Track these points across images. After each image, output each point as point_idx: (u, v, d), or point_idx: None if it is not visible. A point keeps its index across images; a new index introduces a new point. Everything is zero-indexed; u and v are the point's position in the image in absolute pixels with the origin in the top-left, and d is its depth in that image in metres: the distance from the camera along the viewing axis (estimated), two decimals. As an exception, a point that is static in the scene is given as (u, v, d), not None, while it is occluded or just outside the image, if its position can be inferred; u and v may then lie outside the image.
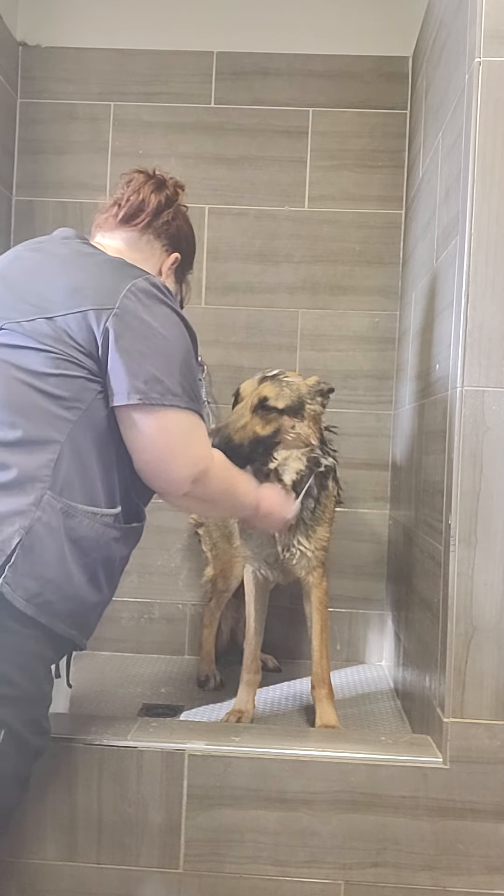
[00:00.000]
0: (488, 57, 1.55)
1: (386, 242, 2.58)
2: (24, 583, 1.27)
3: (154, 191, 1.63)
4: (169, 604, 2.61)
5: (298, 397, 1.85)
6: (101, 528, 1.38)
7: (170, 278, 1.66)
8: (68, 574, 1.33)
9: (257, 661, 2.05)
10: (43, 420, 1.32)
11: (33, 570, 1.28)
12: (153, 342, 1.38)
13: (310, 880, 1.56)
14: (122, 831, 1.56)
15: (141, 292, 1.39)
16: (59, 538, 1.31)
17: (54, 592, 1.31)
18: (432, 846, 1.55)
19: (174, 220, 1.65)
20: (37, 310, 1.37)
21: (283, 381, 1.86)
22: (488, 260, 1.56)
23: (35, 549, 1.28)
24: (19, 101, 2.61)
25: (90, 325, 1.35)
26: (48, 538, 1.30)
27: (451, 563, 1.57)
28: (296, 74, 2.58)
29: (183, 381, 1.40)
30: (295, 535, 1.92)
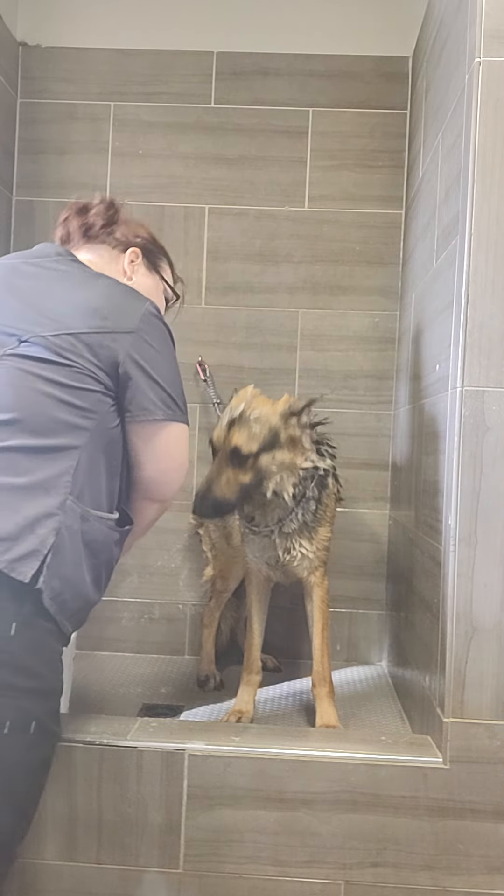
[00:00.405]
0: (488, 57, 1.55)
1: (386, 242, 2.58)
2: (52, 582, 1.35)
3: (76, 214, 1.74)
4: (169, 604, 2.61)
5: (270, 430, 1.80)
6: (108, 531, 1.49)
7: (138, 271, 1.75)
8: (82, 575, 1.43)
9: (258, 661, 2.05)
10: (64, 428, 1.42)
11: (59, 570, 1.36)
12: (163, 363, 1.52)
13: (310, 880, 1.56)
14: (122, 831, 1.56)
15: (150, 316, 1.53)
16: (78, 541, 1.41)
17: (70, 591, 1.39)
18: (432, 846, 1.55)
19: (111, 226, 1.73)
20: (59, 325, 1.46)
21: (250, 420, 1.80)
22: (488, 260, 1.56)
23: (61, 550, 1.37)
24: (19, 101, 2.61)
25: (110, 345, 1.46)
26: (69, 540, 1.39)
27: (451, 563, 1.57)
28: (296, 74, 2.58)
29: (181, 395, 1.57)
30: (297, 538, 1.92)
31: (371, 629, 2.59)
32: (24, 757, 1.34)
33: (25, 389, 1.41)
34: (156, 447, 1.54)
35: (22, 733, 1.31)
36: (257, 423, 1.79)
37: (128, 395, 1.48)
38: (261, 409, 1.81)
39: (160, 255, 1.81)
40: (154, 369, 1.49)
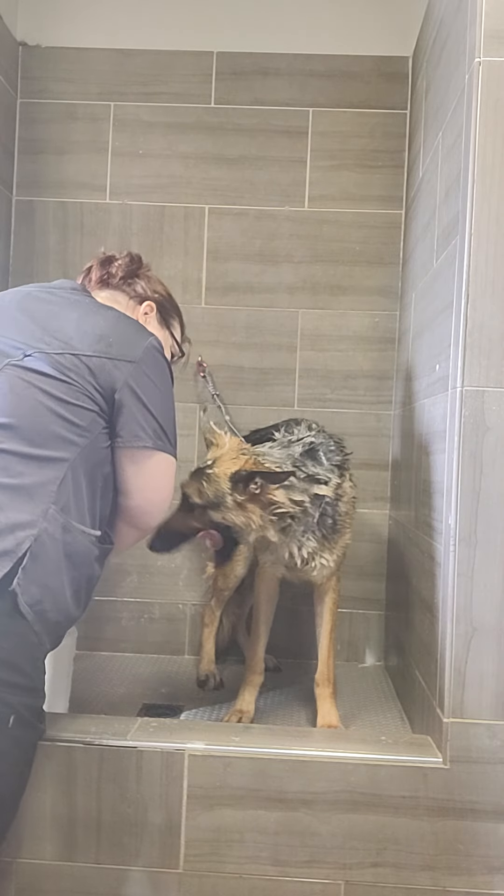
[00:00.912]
0: (488, 57, 1.55)
1: (386, 242, 2.58)
2: (30, 588, 1.37)
3: (99, 265, 1.82)
4: (169, 604, 2.61)
5: (216, 493, 1.79)
6: (89, 546, 1.50)
7: (150, 324, 1.81)
8: (62, 586, 1.44)
9: (262, 662, 2.04)
10: (57, 441, 1.46)
11: (37, 577, 1.38)
12: (158, 397, 1.57)
13: (310, 880, 1.56)
14: (122, 831, 1.56)
15: (153, 350, 1.58)
16: (59, 550, 1.42)
17: (50, 601, 1.40)
18: (432, 846, 1.55)
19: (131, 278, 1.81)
20: (64, 346, 1.51)
21: (203, 476, 1.82)
22: (488, 260, 1.56)
23: (40, 557, 1.38)
24: (19, 101, 2.61)
25: (111, 371, 1.51)
26: (51, 549, 1.41)
27: (451, 563, 1.57)
28: (296, 74, 2.58)
29: (173, 431, 1.61)
30: (318, 553, 1.90)
31: (371, 629, 2.59)
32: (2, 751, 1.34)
33: (25, 398, 1.45)
34: (143, 475, 1.58)
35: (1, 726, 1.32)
36: (207, 480, 1.81)
37: (121, 421, 1.52)
38: (219, 468, 1.81)
39: (173, 313, 1.89)
40: (149, 400, 1.54)
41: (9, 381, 1.46)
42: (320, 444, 1.93)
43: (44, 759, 1.53)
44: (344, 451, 2.01)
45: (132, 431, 1.53)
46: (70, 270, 2.60)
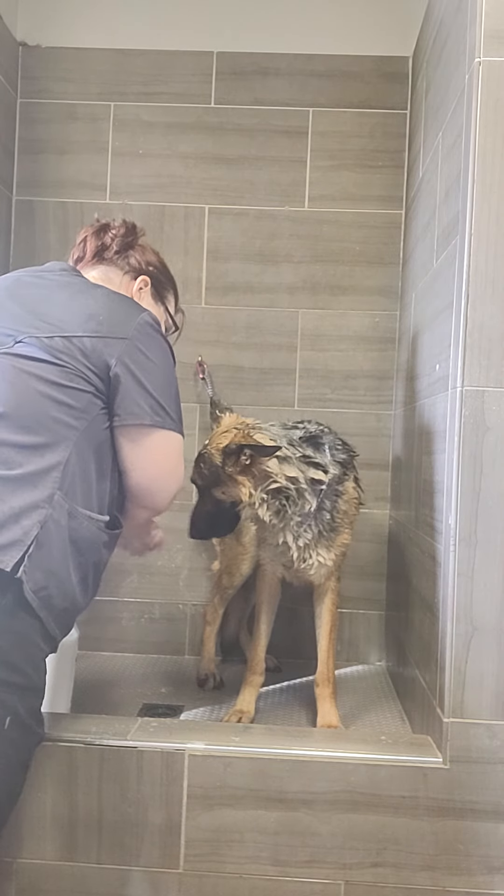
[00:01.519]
0: (488, 57, 1.55)
1: (386, 242, 2.58)
2: (35, 574, 1.35)
3: (95, 234, 1.79)
4: (169, 604, 2.61)
5: (211, 469, 1.82)
6: (96, 531, 1.49)
7: (144, 299, 1.78)
8: (68, 572, 1.42)
9: (262, 662, 2.04)
10: (55, 426, 1.44)
11: (42, 563, 1.36)
12: (155, 372, 1.54)
13: (310, 880, 1.56)
14: (122, 831, 1.56)
15: (146, 326, 1.55)
16: (64, 536, 1.41)
17: (56, 587, 1.39)
18: (432, 846, 1.55)
19: (125, 252, 1.79)
20: (55, 328, 1.49)
21: (199, 457, 1.86)
22: (488, 260, 1.56)
23: (45, 544, 1.37)
24: (19, 101, 2.61)
25: (103, 350, 1.49)
26: (56, 535, 1.39)
27: (451, 563, 1.57)
28: (296, 74, 2.58)
29: (175, 406, 1.57)
30: (313, 548, 1.91)
31: (371, 629, 2.59)
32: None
33: (19, 385, 1.44)
34: (142, 453, 1.55)
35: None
36: (201, 461, 1.85)
37: (117, 400, 1.50)
38: (208, 448, 1.85)
39: (168, 287, 1.87)
40: (145, 376, 1.51)
41: (1, 370, 1.44)
42: (326, 438, 1.95)
43: (44, 759, 1.54)
44: (350, 451, 2.01)
45: (128, 409, 1.50)
46: (70, 270, 2.61)
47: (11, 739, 1.34)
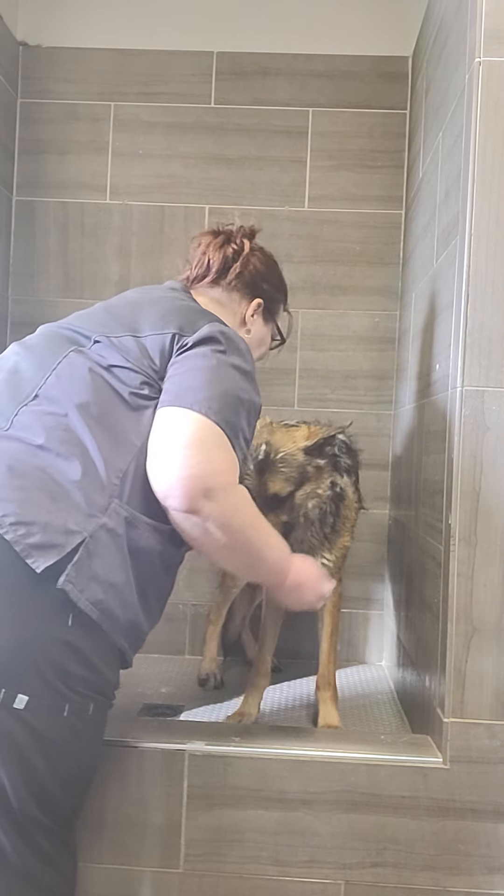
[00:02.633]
0: (488, 57, 1.55)
1: (386, 242, 2.58)
2: (89, 585, 1.28)
3: (218, 248, 1.72)
4: (169, 604, 2.57)
5: (298, 468, 1.73)
6: (157, 542, 1.39)
7: (256, 323, 1.76)
8: (128, 583, 1.35)
9: (268, 664, 2.03)
10: (123, 429, 1.39)
11: (97, 573, 1.29)
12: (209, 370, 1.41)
13: (310, 880, 1.56)
14: (123, 831, 1.56)
15: (218, 333, 1.46)
16: (122, 546, 1.34)
17: (115, 599, 1.32)
18: (432, 846, 1.55)
19: (245, 268, 1.72)
20: (127, 329, 1.49)
21: (277, 463, 1.73)
22: (488, 260, 1.56)
23: (99, 553, 1.30)
24: (19, 101, 2.61)
25: (167, 345, 1.45)
26: (112, 544, 1.32)
27: (451, 563, 1.57)
28: (296, 74, 2.58)
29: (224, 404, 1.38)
30: (318, 551, 1.90)
31: (371, 629, 2.59)
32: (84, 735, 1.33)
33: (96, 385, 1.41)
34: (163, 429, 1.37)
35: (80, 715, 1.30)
36: (286, 465, 1.71)
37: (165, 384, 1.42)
38: (285, 448, 1.73)
39: (279, 299, 1.81)
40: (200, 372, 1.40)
41: (71, 365, 1.43)
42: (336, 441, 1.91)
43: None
44: (356, 456, 2.01)
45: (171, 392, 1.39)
46: (70, 270, 2.61)
47: (96, 721, 1.36)
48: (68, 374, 1.42)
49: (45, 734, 1.26)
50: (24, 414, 1.39)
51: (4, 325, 2.58)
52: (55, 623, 1.27)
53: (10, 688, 1.22)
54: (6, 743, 1.24)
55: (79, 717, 1.30)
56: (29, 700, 1.23)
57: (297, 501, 1.80)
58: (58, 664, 1.27)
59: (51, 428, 1.36)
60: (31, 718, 1.24)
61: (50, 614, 1.27)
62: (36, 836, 1.29)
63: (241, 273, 1.71)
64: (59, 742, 1.28)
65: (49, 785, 1.29)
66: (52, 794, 1.30)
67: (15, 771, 1.24)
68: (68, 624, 1.27)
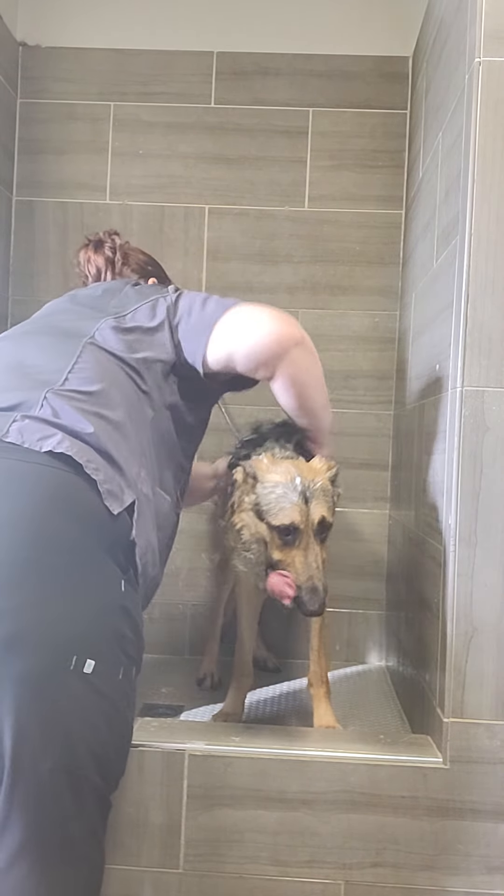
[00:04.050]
0: (488, 57, 1.55)
1: (386, 242, 2.58)
2: (140, 541, 1.42)
3: (96, 252, 1.94)
4: (169, 604, 2.61)
5: (332, 497, 1.69)
6: (170, 509, 1.59)
7: None
8: (157, 542, 1.51)
9: (249, 664, 2.02)
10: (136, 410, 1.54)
11: (143, 531, 1.43)
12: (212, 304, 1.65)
13: (310, 880, 1.56)
14: (123, 831, 1.56)
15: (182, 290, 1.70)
16: (152, 509, 1.49)
17: (151, 555, 1.47)
18: (432, 846, 1.55)
19: (127, 258, 1.94)
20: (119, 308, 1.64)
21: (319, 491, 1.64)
22: (488, 260, 1.56)
23: (143, 513, 1.44)
24: (19, 101, 2.62)
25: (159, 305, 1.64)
26: (147, 508, 1.47)
27: (451, 563, 1.57)
28: (296, 74, 2.58)
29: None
30: None
31: (371, 629, 2.59)
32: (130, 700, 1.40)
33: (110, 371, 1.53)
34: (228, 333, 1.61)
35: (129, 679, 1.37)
36: (326, 494, 1.65)
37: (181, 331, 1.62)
38: (319, 479, 1.66)
39: (165, 278, 2.00)
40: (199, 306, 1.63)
41: (94, 355, 1.53)
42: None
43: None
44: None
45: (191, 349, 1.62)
46: (70, 270, 2.59)
47: (135, 685, 1.41)
48: (90, 364, 1.52)
49: (108, 697, 1.31)
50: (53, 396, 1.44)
51: (4, 325, 2.58)
52: (113, 588, 1.35)
53: (81, 654, 1.26)
54: (78, 707, 1.26)
55: (128, 679, 1.37)
56: (96, 664, 1.27)
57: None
58: (116, 628, 1.34)
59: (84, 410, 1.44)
60: (99, 682, 1.28)
61: (108, 579, 1.35)
62: (89, 804, 1.30)
63: (127, 262, 1.93)
64: (118, 704, 1.34)
65: (108, 748, 1.33)
66: (109, 758, 1.34)
67: (82, 736, 1.27)
68: (121, 589, 1.35)
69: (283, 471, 1.65)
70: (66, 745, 1.25)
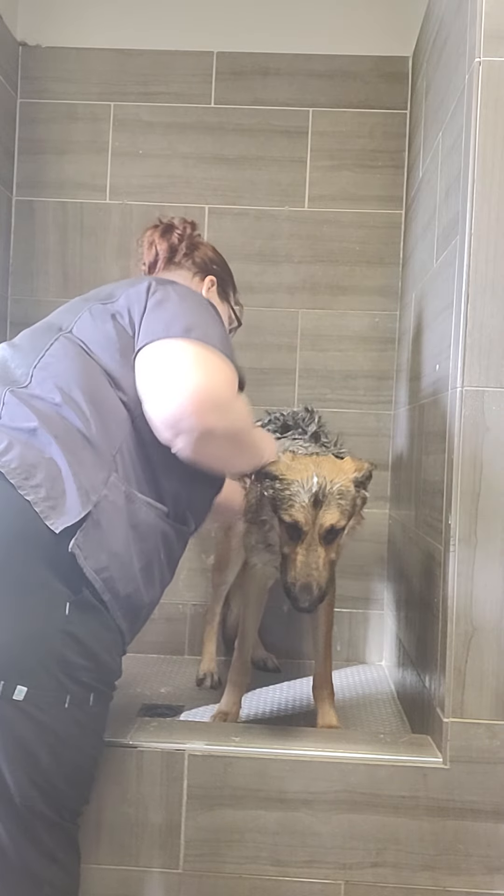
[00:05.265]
0: (488, 57, 1.55)
1: (386, 242, 2.58)
2: (95, 553, 1.31)
3: (162, 236, 1.83)
4: (169, 604, 2.61)
5: (352, 501, 1.66)
6: (156, 519, 1.43)
7: (213, 299, 1.80)
8: (130, 555, 1.38)
9: (248, 662, 2.03)
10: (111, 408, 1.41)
11: (101, 542, 1.32)
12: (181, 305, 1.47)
13: (310, 880, 1.56)
14: (122, 831, 1.56)
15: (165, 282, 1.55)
16: (123, 519, 1.37)
17: (118, 570, 1.35)
18: (432, 846, 1.55)
19: (192, 251, 1.83)
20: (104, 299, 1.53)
21: (335, 495, 1.63)
22: (488, 260, 1.56)
23: (102, 523, 1.33)
24: (19, 101, 2.61)
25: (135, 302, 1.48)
26: (115, 516, 1.35)
27: (451, 563, 1.57)
28: (296, 74, 2.58)
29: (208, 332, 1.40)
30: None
31: (371, 629, 2.59)
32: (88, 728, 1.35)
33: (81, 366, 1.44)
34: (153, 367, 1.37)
35: (81, 707, 1.32)
36: (342, 498, 1.64)
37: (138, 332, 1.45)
38: (339, 480, 1.65)
39: (229, 282, 1.90)
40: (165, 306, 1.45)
41: (63, 348, 1.46)
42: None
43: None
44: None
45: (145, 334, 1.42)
46: (70, 270, 2.61)
47: (98, 714, 1.36)
48: (57, 359, 1.45)
49: (48, 726, 1.27)
50: (11, 397, 1.39)
51: (4, 325, 2.58)
52: (54, 612, 1.28)
53: (9, 679, 1.23)
54: (9, 736, 1.24)
55: (80, 707, 1.31)
56: (28, 691, 1.23)
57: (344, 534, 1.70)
58: (57, 654, 1.27)
59: (41, 411, 1.37)
60: (33, 710, 1.24)
61: (49, 603, 1.28)
62: (39, 831, 1.29)
63: (190, 255, 1.82)
64: (62, 734, 1.29)
65: (54, 778, 1.29)
66: (57, 788, 1.30)
67: (18, 764, 1.24)
68: (65, 613, 1.28)
69: (303, 469, 1.65)
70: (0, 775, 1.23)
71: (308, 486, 1.62)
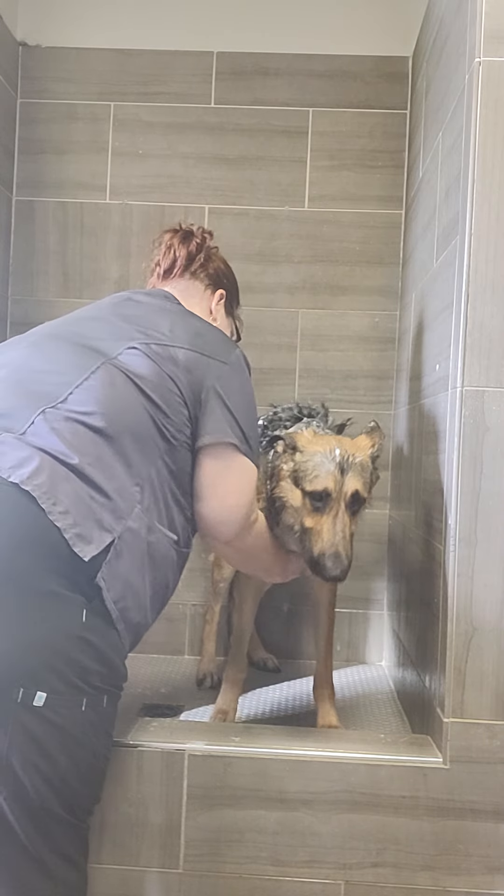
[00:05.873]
0: (488, 57, 1.55)
1: (386, 242, 2.58)
2: (115, 584, 1.35)
3: (181, 242, 1.83)
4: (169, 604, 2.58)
5: (372, 474, 1.72)
6: (168, 548, 1.48)
7: (220, 313, 1.84)
8: (144, 585, 1.43)
9: (244, 660, 2.03)
10: (147, 442, 1.45)
11: (121, 573, 1.36)
12: (243, 403, 1.57)
13: (310, 880, 1.56)
14: (123, 831, 1.56)
15: (242, 359, 1.62)
16: (143, 550, 1.41)
17: (132, 600, 1.39)
18: (432, 846, 1.55)
19: (208, 262, 1.84)
20: (161, 337, 1.54)
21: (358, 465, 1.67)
22: (488, 260, 1.56)
23: (124, 554, 1.37)
24: (19, 101, 2.61)
25: (204, 368, 1.52)
26: (135, 547, 1.39)
27: (451, 563, 1.57)
28: (296, 74, 2.58)
29: (256, 441, 1.60)
30: None
31: (371, 629, 2.59)
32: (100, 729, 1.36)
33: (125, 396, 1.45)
34: (227, 475, 1.54)
35: (96, 709, 1.33)
36: (364, 469, 1.69)
37: (206, 420, 1.51)
38: (360, 454, 1.69)
39: (236, 297, 1.92)
40: (234, 406, 1.53)
41: (109, 376, 1.45)
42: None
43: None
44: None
45: (217, 428, 1.51)
46: (70, 270, 2.61)
47: (108, 713, 1.38)
48: (102, 384, 1.44)
49: (65, 729, 1.28)
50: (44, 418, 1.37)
51: (4, 325, 2.58)
52: (70, 619, 1.30)
53: (28, 686, 1.23)
54: (28, 741, 1.25)
55: (95, 709, 1.33)
56: (48, 697, 1.25)
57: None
58: (74, 660, 1.29)
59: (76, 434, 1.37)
60: (52, 714, 1.26)
61: (64, 611, 1.29)
62: (54, 831, 1.30)
63: (206, 266, 1.83)
64: (79, 736, 1.31)
65: (71, 780, 1.31)
66: (72, 788, 1.32)
67: (36, 767, 1.26)
68: (82, 620, 1.30)
69: (324, 443, 1.70)
70: (18, 778, 1.24)
71: (333, 455, 1.66)
